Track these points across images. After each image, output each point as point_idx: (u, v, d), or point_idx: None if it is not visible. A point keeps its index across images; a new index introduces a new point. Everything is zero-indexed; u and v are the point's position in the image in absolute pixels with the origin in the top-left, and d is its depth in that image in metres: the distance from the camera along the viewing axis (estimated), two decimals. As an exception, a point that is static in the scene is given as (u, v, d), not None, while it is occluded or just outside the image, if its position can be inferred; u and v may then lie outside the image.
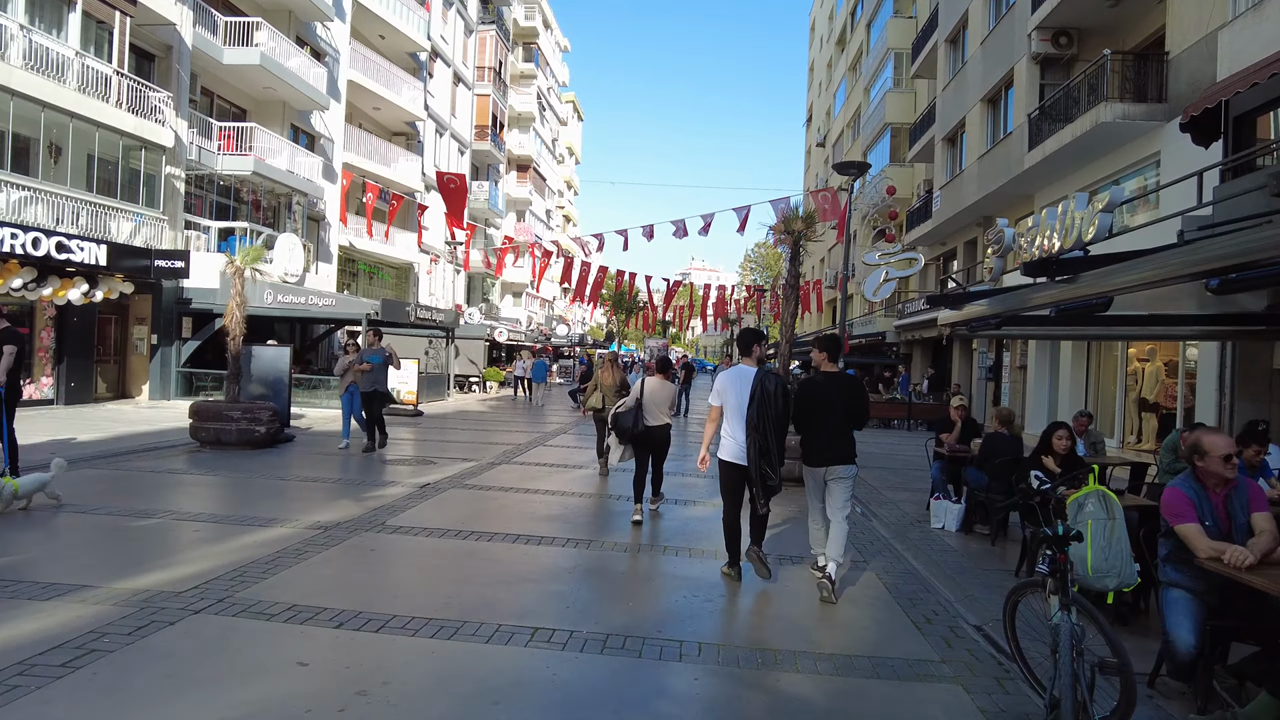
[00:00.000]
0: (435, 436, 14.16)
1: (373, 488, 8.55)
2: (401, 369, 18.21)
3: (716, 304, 33.47)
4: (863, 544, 7.14)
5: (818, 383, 5.69)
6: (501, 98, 41.28)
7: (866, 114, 32.87)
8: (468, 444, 13.10)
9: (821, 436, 5.48)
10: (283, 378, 12.48)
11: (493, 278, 42.76)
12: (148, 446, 10.91)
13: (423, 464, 10.44)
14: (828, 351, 5.72)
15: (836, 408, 5.47)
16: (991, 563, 6.71)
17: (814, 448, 5.53)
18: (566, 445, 13.47)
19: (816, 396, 5.57)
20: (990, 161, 18.27)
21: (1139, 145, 12.92)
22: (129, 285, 16.29)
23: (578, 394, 23.36)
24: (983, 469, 7.57)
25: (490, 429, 15.94)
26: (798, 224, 10.18)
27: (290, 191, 22.40)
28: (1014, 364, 18.87)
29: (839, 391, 5.55)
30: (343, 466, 10.10)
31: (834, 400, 5.49)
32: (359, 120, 29.04)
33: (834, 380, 5.65)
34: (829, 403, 5.49)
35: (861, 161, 12.32)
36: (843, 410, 5.48)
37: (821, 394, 5.56)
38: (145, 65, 17.76)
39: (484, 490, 8.69)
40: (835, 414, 5.46)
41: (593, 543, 6.49)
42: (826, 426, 5.46)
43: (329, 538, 6.21)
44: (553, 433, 15.47)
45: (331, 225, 25.89)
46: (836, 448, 5.45)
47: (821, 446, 5.48)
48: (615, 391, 9.33)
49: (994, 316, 7.59)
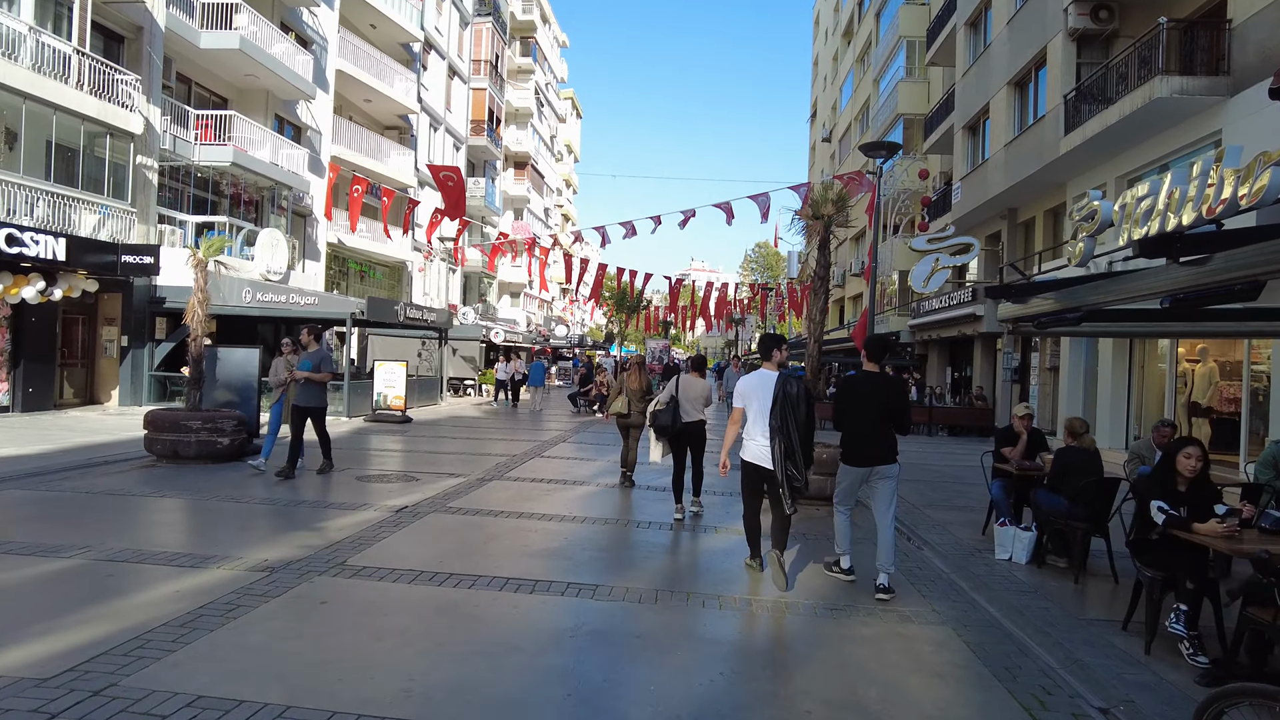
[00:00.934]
0: (422, 446, 12.95)
1: (340, 512, 7.36)
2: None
3: (718, 303, 32.33)
4: (922, 579, 5.96)
5: (859, 381, 5.72)
6: (498, 92, 40.11)
7: (876, 106, 31.71)
8: (457, 455, 11.90)
9: (864, 435, 5.51)
10: (252, 383, 11.28)
11: (490, 277, 41.58)
12: (95, 461, 9.71)
13: (404, 481, 9.23)
14: (868, 351, 5.79)
15: (877, 407, 5.49)
16: (1083, 608, 5.52)
17: (857, 447, 5.56)
18: (566, 456, 12.28)
19: (858, 395, 5.58)
20: (1018, 149, 17.09)
21: (1196, 123, 11.73)
22: (93, 283, 15.09)
23: (578, 398, 22.21)
24: (1058, 491, 6.39)
25: (483, 437, 14.74)
26: (827, 208, 9.01)
27: (274, 185, 21.22)
28: (1043, 364, 17.68)
29: (880, 390, 5.55)
30: (311, 485, 8.90)
31: (875, 399, 5.50)
32: (349, 113, 27.87)
33: (875, 380, 5.63)
34: (870, 402, 5.50)
35: (891, 142, 11.13)
36: (884, 410, 5.51)
37: (863, 393, 5.57)
38: (114, 47, 16.58)
39: (470, 515, 7.48)
40: (876, 413, 5.49)
41: (599, 589, 5.28)
42: (869, 426, 5.50)
43: (273, 584, 5.02)
44: (551, 441, 14.27)
45: (319, 221, 24.71)
46: (880, 447, 5.49)
47: (865, 445, 5.51)
48: (641, 396, 9.07)
49: (1070, 311, 6.40)
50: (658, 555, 6.41)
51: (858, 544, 6.14)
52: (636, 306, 37.14)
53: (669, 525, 7.41)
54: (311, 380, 9.21)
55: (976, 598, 5.59)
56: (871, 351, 5.78)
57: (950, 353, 24.42)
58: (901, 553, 6.78)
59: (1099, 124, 12.92)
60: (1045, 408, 17.62)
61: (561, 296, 61.10)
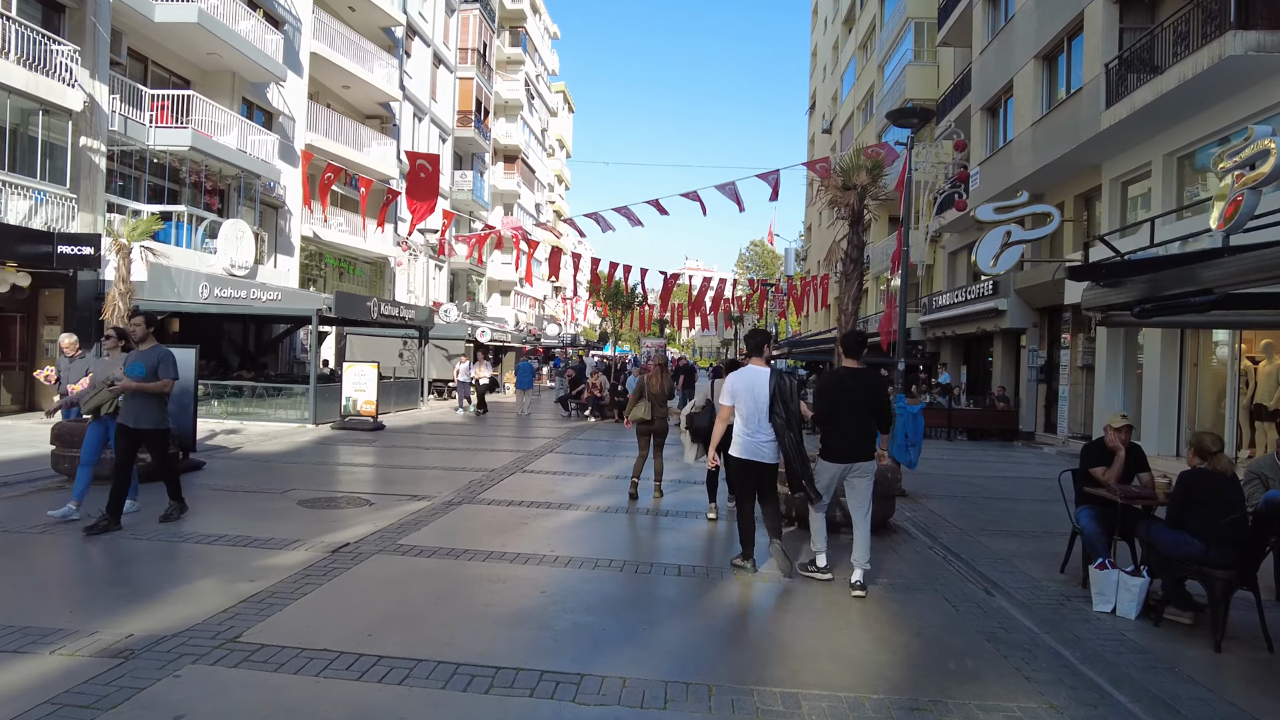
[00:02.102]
0: (389, 459, 11.43)
1: (262, 552, 5.83)
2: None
3: (715, 300, 30.86)
4: (1014, 647, 4.50)
5: (843, 377, 5.62)
6: (486, 82, 38.56)
7: (881, 93, 30.27)
8: (427, 470, 10.39)
9: (848, 433, 5.49)
10: (188, 387, 9.70)
11: (479, 274, 40.02)
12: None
13: (354, 506, 7.70)
14: (846, 348, 5.73)
15: (862, 404, 5.49)
16: (1249, 693, 4.04)
17: (839, 444, 5.51)
18: (553, 470, 10.75)
19: (843, 392, 5.54)
20: (1048, 128, 15.66)
21: (1271, 87, 10.29)
22: (24, 276, 13.51)
23: (568, 401, 20.68)
24: (1184, 527, 4.92)
25: (461, 447, 13.21)
26: (860, 177, 7.54)
27: (241, 173, 19.65)
28: (1074, 362, 16.25)
29: (865, 387, 5.54)
30: (243, 511, 7.37)
31: (861, 396, 5.50)
32: (326, 100, 26.32)
33: (858, 376, 5.60)
34: (856, 398, 5.49)
35: (924, 109, 9.67)
36: (867, 407, 5.51)
37: (848, 389, 5.53)
38: (53, 17, 14.99)
39: (424, 556, 5.96)
40: (861, 411, 5.49)
41: (584, 681, 3.77)
42: (853, 423, 5.49)
43: (118, 680, 3.51)
44: (537, 451, 12.75)
45: (293, 213, 23.15)
46: (863, 444, 5.49)
47: (849, 443, 5.48)
48: (664, 400, 8.62)
49: (1198, 293, 4.93)
50: (676, 620, 4.84)
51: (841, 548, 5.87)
52: (631, 302, 35.58)
53: (691, 569, 5.89)
54: (145, 390, 6.36)
55: (1097, 679, 4.11)
56: (850, 347, 5.71)
57: (965, 351, 22.97)
58: (974, 603, 5.36)
59: (1152, 92, 11.47)
60: (1077, 410, 16.20)
61: (554, 295, 59.58)
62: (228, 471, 9.51)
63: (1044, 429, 17.59)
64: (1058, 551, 6.54)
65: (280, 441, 12.71)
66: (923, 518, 8.31)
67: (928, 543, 7.23)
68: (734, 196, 13.06)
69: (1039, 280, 16.55)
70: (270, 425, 14.74)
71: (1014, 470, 13.05)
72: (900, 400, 10.34)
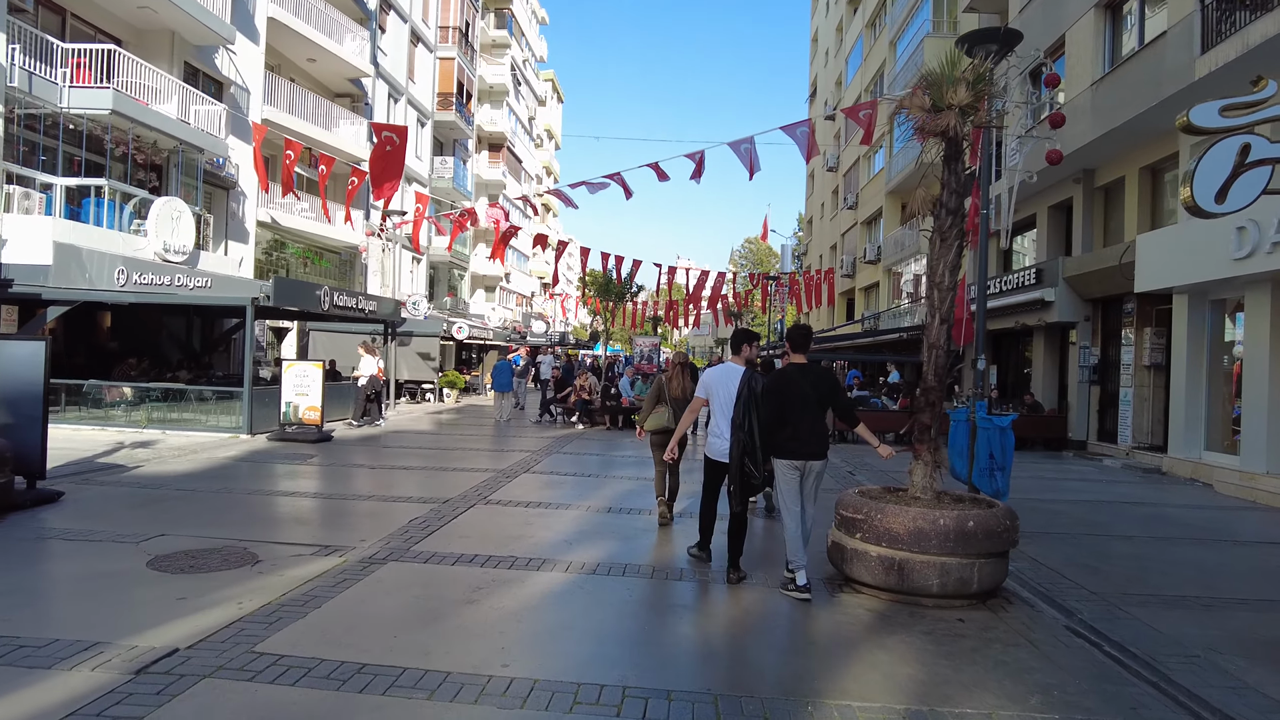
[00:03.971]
0: (316, 484, 9.03)
1: (9, 677, 3.46)
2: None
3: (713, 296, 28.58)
4: None
5: (790, 374, 5.42)
6: (469, 64, 36.15)
7: (893, 72, 28.05)
8: (360, 501, 8.02)
9: (798, 431, 5.27)
10: (36, 393, 7.27)
11: (461, 269, 37.58)
12: None
13: (229, 566, 5.30)
14: (792, 342, 5.55)
15: (812, 400, 5.31)
16: None
17: (793, 441, 5.27)
18: (527, 501, 8.36)
19: (791, 389, 5.33)
20: (1113, 87, 13.42)
21: None
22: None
23: (553, 405, 18.32)
24: None
25: (415, 464, 10.82)
26: (957, 94, 5.24)
27: (181, 145, 17.20)
28: (1139, 361, 14.00)
29: (814, 383, 5.37)
30: (44, 578, 5.01)
31: (811, 392, 5.31)
32: (290, 73, 23.89)
33: (805, 372, 5.42)
34: (806, 395, 5.30)
35: (1011, 30, 7.42)
36: (819, 404, 5.35)
37: (795, 387, 5.32)
38: (-65, -51, 12.56)
39: (289, 684, 3.58)
40: (812, 408, 5.31)
41: None
42: (803, 420, 5.28)
43: None
44: (510, 470, 10.38)
45: (247, 195, 20.71)
46: (814, 443, 5.30)
47: (798, 442, 5.27)
48: (686, 406, 7.24)
49: None
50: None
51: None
52: (624, 293, 33.26)
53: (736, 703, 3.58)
54: None
55: None
56: (796, 342, 5.54)
57: (994, 348, 20.69)
58: None
59: (1274, 24, 9.22)
60: (1144, 417, 13.96)
61: (542, 292, 57.14)
62: (91, 506, 7.12)
63: (1097, 437, 15.35)
64: (1267, 637, 4.27)
65: (196, 458, 10.31)
66: (1030, 572, 6.02)
67: (1062, 620, 4.94)
68: (749, 157, 10.74)
69: (1097, 265, 14.31)
70: (197, 436, 12.34)
71: (1089, 491, 10.80)
72: (981, 410, 8.06)
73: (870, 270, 30.42)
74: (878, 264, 28.87)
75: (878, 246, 28.78)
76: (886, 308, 27.97)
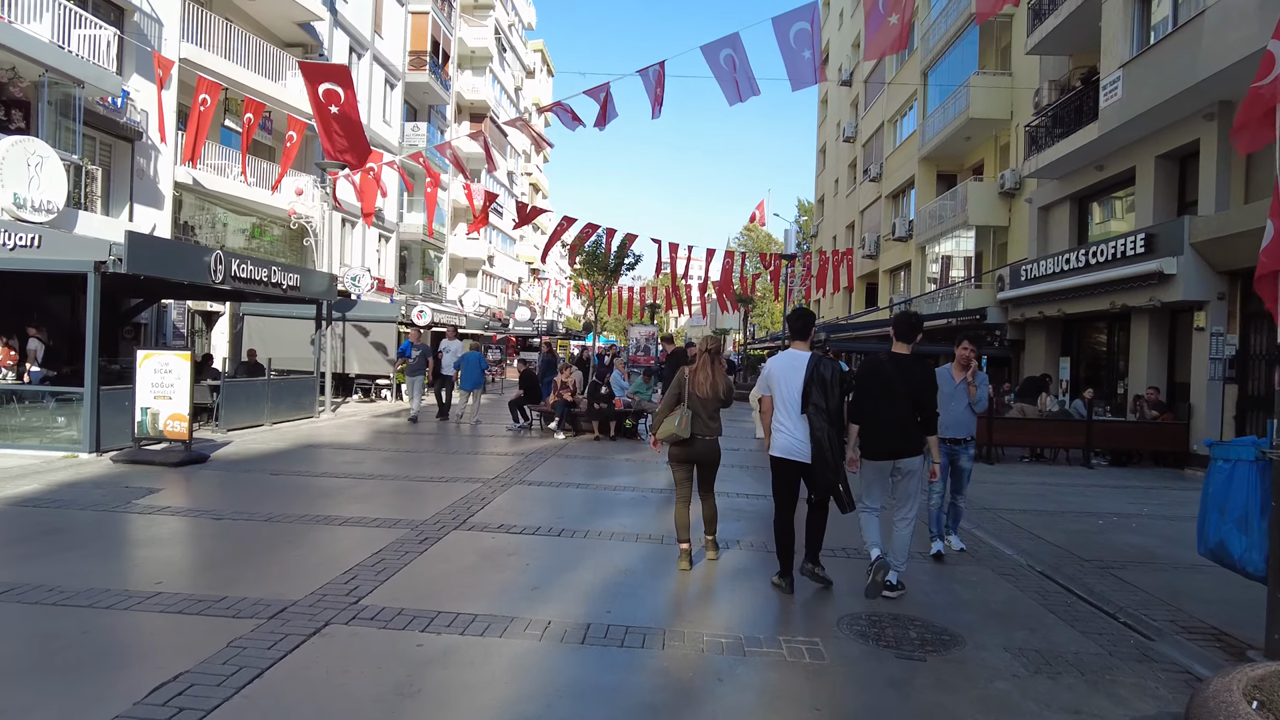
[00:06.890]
0: (148, 546, 5.44)
1: None
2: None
3: (723, 279, 25.00)
4: None
5: (883, 364, 5.01)
6: (446, 21, 32.41)
7: (928, 21, 24.45)
8: (205, 571, 4.41)
9: (884, 428, 4.83)
10: None
11: (438, 250, 33.84)
12: None
13: None
14: (898, 331, 5.05)
15: (901, 396, 4.82)
16: None
17: (873, 442, 4.88)
18: (427, 616, 4.80)
19: (879, 381, 4.94)
20: (1142, 70, 9.85)
21: None
22: None
23: (521, 406, 14.56)
24: None
25: (319, 503, 7.20)
26: None
27: (48, 75, 13.49)
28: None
29: (907, 377, 4.87)
30: None
31: (903, 387, 4.82)
32: (225, 11, 20.13)
33: (900, 364, 4.93)
34: (896, 389, 4.83)
35: None
36: (909, 400, 4.84)
37: (887, 378, 4.90)
38: None
39: None
40: (899, 403, 4.82)
41: None
42: (889, 417, 4.83)
43: None
44: (466, 501, 6.78)
45: (160, 151, 17.03)
46: (903, 441, 4.86)
47: (883, 440, 4.86)
48: (716, 409, 5.47)
49: None
50: None
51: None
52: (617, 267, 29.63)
53: None
54: None
55: None
56: (901, 331, 5.04)
57: (1063, 337, 17.15)
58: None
59: None
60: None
61: (530, 278, 53.47)
62: None
63: (1228, 451, 11.84)
64: None
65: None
66: None
67: None
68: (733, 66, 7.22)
69: (1243, 227, 10.79)
70: (16, 455, 8.72)
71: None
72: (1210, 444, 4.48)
73: (899, 249, 26.84)
74: (908, 241, 25.29)
75: (909, 221, 25.20)
76: (920, 291, 24.42)
